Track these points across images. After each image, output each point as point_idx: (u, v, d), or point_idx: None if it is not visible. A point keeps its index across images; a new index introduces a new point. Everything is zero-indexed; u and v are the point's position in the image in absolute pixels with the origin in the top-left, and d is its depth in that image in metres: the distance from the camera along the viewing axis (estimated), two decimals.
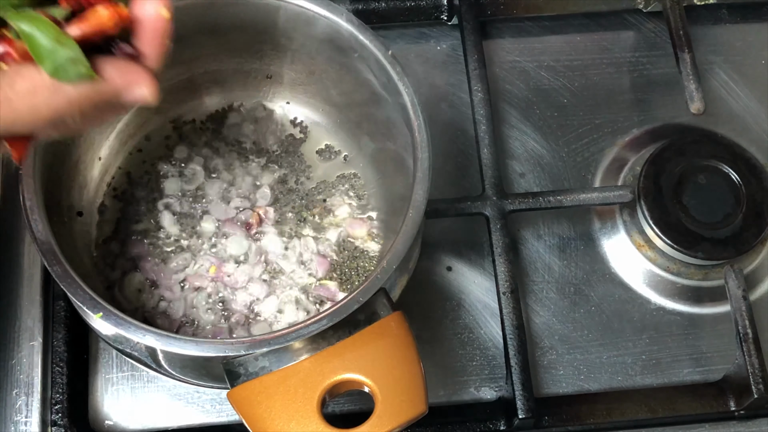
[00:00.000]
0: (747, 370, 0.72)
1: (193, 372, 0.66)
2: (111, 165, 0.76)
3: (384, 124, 0.73)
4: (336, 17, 0.68)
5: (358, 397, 0.73)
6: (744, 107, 0.87)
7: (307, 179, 0.78)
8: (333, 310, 0.58)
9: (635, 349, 0.78)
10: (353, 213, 0.77)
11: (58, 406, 0.71)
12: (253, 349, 0.58)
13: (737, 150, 0.80)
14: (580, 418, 0.73)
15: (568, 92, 0.87)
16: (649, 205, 0.78)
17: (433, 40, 0.88)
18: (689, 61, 0.81)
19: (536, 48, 0.89)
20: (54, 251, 0.60)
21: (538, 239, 0.81)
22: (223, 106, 0.80)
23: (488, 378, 0.76)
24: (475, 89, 0.81)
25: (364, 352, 0.58)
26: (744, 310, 0.73)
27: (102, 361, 0.75)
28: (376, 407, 0.57)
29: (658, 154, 0.80)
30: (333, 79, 0.76)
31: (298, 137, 0.79)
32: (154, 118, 0.78)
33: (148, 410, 0.74)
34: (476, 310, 0.78)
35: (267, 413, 0.57)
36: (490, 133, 0.80)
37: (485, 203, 0.77)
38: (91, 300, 0.59)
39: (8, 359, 0.72)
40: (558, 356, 0.77)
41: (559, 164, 0.84)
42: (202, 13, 0.70)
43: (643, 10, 0.90)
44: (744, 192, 0.79)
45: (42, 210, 0.61)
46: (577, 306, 0.79)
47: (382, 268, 0.60)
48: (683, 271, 0.80)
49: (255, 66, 0.78)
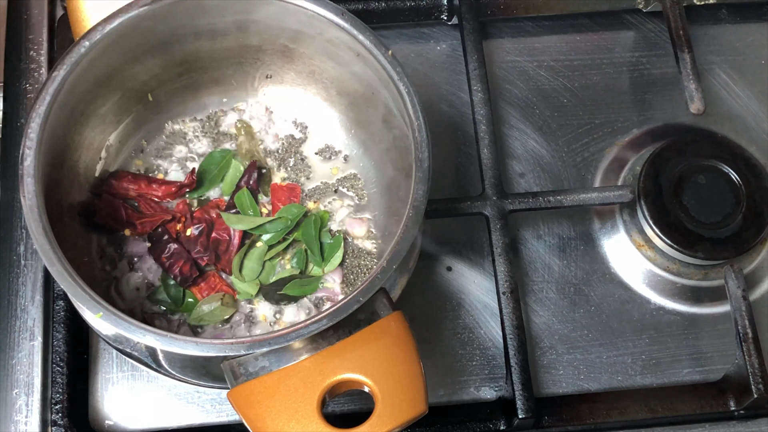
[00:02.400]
0: (747, 370, 0.72)
1: (193, 372, 0.66)
2: (111, 165, 0.76)
3: (384, 124, 0.73)
4: (336, 17, 0.68)
5: (358, 397, 0.73)
6: (744, 107, 0.87)
7: (307, 179, 0.78)
8: (333, 310, 0.58)
9: (635, 349, 0.78)
10: (353, 213, 0.77)
11: (58, 406, 0.71)
12: (253, 349, 0.58)
13: (737, 150, 0.80)
14: (580, 418, 0.73)
15: (568, 92, 0.87)
16: (649, 205, 0.78)
17: (433, 40, 0.88)
18: (689, 61, 0.81)
19: (536, 48, 0.89)
20: (54, 251, 0.60)
21: (538, 239, 0.81)
22: (223, 107, 0.80)
23: (488, 378, 0.76)
24: (475, 89, 0.81)
25: (364, 351, 0.58)
26: (744, 310, 0.73)
27: (102, 361, 0.75)
28: (376, 407, 0.57)
29: (658, 154, 0.80)
30: (333, 79, 0.76)
31: (298, 137, 0.79)
32: (154, 118, 0.78)
33: (148, 410, 0.74)
34: (476, 310, 0.78)
35: (267, 413, 0.57)
36: (490, 133, 0.80)
37: (485, 203, 0.77)
38: (91, 300, 0.59)
39: (8, 359, 0.72)
40: (558, 356, 0.77)
41: (559, 164, 0.84)
42: (201, 13, 0.70)
43: (643, 10, 0.90)
44: (744, 192, 0.79)
45: (42, 210, 0.61)
46: (577, 306, 0.79)
47: (382, 267, 0.60)
48: (683, 271, 0.80)
49: (255, 66, 0.78)
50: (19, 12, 0.84)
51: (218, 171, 0.77)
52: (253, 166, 0.76)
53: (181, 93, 0.78)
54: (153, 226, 0.73)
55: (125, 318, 0.58)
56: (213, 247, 0.73)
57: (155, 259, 0.73)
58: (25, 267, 0.75)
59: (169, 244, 0.73)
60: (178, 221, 0.74)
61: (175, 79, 0.76)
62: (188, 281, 0.72)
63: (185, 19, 0.70)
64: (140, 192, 0.75)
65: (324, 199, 0.77)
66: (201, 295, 0.72)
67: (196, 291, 0.73)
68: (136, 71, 0.73)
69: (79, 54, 0.65)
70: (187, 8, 0.69)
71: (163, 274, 0.73)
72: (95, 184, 0.75)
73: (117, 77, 0.72)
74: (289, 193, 0.76)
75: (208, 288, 0.73)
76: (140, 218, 0.74)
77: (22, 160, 0.62)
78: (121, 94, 0.74)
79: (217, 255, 0.73)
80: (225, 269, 0.73)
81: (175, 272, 0.72)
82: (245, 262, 0.73)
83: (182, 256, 0.72)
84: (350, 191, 0.78)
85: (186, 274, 0.72)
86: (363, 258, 0.75)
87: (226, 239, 0.73)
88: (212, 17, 0.71)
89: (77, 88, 0.67)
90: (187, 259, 0.72)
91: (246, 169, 0.76)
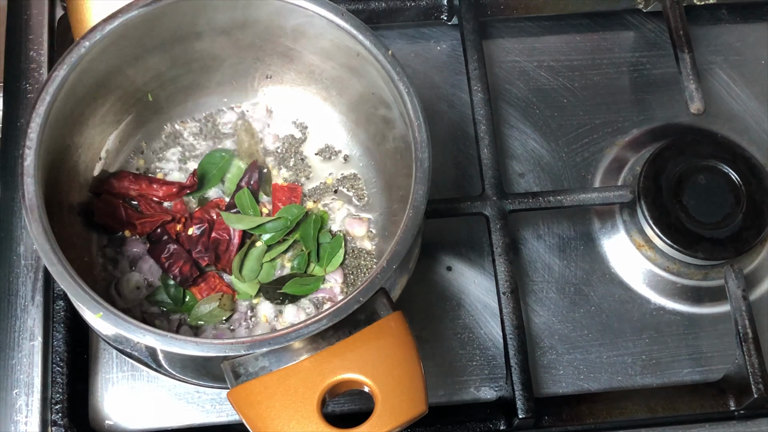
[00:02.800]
0: (747, 370, 0.72)
1: (193, 372, 0.66)
2: (111, 165, 0.76)
3: (384, 124, 0.73)
4: (336, 17, 0.68)
5: (358, 397, 0.73)
6: (744, 107, 0.87)
7: (307, 179, 0.78)
8: (333, 310, 0.58)
9: (635, 349, 0.78)
10: (353, 213, 0.77)
11: (58, 406, 0.71)
12: (253, 349, 0.58)
13: (737, 150, 0.80)
14: (580, 418, 0.73)
15: (568, 92, 0.87)
16: (649, 205, 0.78)
17: (433, 40, 0.88)
18: (689, 61, 0.81)
19: (536, 48, 0.89)
20: (54, 251, 0.60)
21: (538, 239, 0.81)
22: (223, 107, 0.80)
23: (488, 378, 0.76)
24: (475, 89, 0.81)
25: (364, 351, 0.58)
26: (744, 310, 0.73)
27: (102, 361, 0.75)
28: (376, 407, 0.57)
29: (658, 154, 0.80)
30: (333, 79, 0.76)
31: (298, 137, 0.79)
32: (153, 118, 0.78)
33: (148, 410, 0.74)
34: (476, 310, 0.78)
35: (267, 413, 0.57)
36: (490, 133, 0.80)
37: (485, 203, 0.77)
38: (91, 300, 0.59)
39: (8, 359, 0.72)
40: (558, 356, 0.77)
41: (559, 164, 0.84)
42: (201, 13, 0.70)
43: (643, 10, 0.90)
44: (744, 192, 0.79)
45: (42, 210, 0.61)
46: (577, 306, 0.79)
47: (382, 268, 0.60)
48: (683, 271, 0.80)
49: (255, 66, 0.78)
50: (19, 12, 0.84)
51: (218, 171, 0.77)
52: (254, 165, 0.76)
53: (181, 93, 0.78)
54: (153, 226, 0.73)
55: (125, 318, 0.58)
56: (213, 247, 0.73)
57: (155, 260, 0.73)
58: (25, 267, 0.75)
59: (168, 244, 0.73)
60: (178, 221, 0.74)
61: (175, 79, 0.76)
62: (188, 281, 0.72)
63: (185, 19, 0.70)
64: (141, 192, 0.75)
65: (324, 199, 0.77)
66: (201, 296, 0.72)
67: (196, 291, 0.73)
68: (137, 71, 0.73)
69: (79, 54, 0.65)
70: (187, 8, 0.69)
71: (163, 274, 0.73)
72: (95, 184, 0.75)
73: (117, 77, 0.72)
74: (290, 194, 0.76)
75: (208, 288, 0.73)
76: (140, 218, 0.74)
77: (22, 160, 0.62)
78: (121, 94, 0.74)
79: (217, 255, 0.73)
80: (225, 269, 0.73)
81: (175, 272, 0.72)
82: (245, 262, 0.73)
83: (182, 256, 0.72)
84: (350, 191, 0.78)
85: (186, 274, 0.72)
86: (363, 258, 0.75)
87: (226, 239, 0.73)
88: (212, 17, 0.71)
89: (77, 88, 0.67)
90: (187, 260, 0.72)
91: (247, 169, 0.76)
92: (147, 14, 0.67)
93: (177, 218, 0.74)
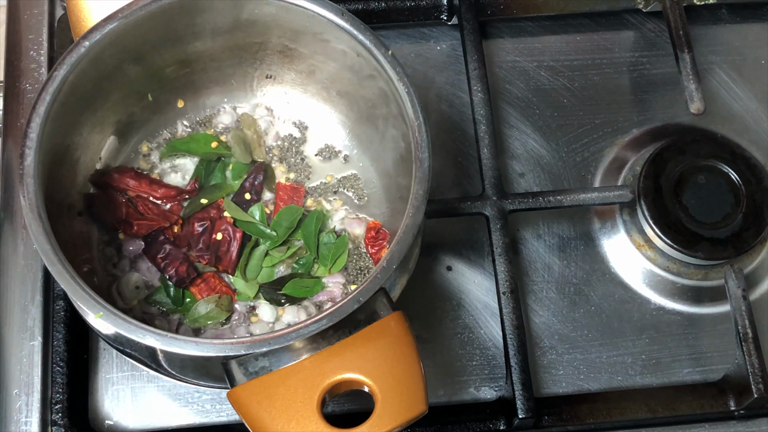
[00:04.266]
0: (747, 370, 0.72)
1: (193, 372, 0.66)
2: (111, 165, 0.76)
3: (384, 124, 0.73)
4: (336, 17, 0.68)
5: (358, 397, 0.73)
6: (744, 107, 0.87)
7: (307, 179, 0.78)
8: (333, 310, 0.58)
9: (635, 349, 0.78)
10: (353, 213, 0.77)
11: (58, 406, 0.71)
12: (253, 349, 0.58)
13: (737, 150, 0.80)
14: (580, 418, 0.73)
15: (568, 92, 0.87)
16: (649, 205, 0.78)
17: (433, 40, 0.88)
18: (689, 61, 0.81)
19: (536, 48, 0.89)
20: (54, 251, 0.60)
21: (538, 239, 0.81)
22: (222, 106, 0.80)
23: (488, 378, 0.76)
24: (475, 89, 0.81)
25: (364, 351, 0.58)
26: (744, 310, 0.73)
27: (102, 361, 0.75)
28: (376, 407, 0.57)
29: (658, 154, 0.80)
30: (333, 79, 0.76)
31: (298, 137, 0.79)
32: (153, 118, 0.78)
33: (148, 410, 0.74)
34: (476, 310, 0.78)
35: (267, 413, 0.57)
36: (490, 133, 0.80)
37: (485, 203, 0.77)
38: (91, 300, 0.59)
39: (8, 359, 0.72)
40: (558, 356, 0.77)
41: (559, 164, 0.84)
42: (201, 13, 0.70)
43: (643, 10, 0.90)
44: (744, 192, 0.79)
45: (42, 210, 0.61)
46: (577, 306, 0.79)
47: (382, 268, 0.61)
48: (683, 270, 0.80)
49: (255, 66, 0.78)
50: (19, 12, 0.84)
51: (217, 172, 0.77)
52: (260, 168, 0.76)
53: (181, 93, 0.78)
54: (149, 229, 0.73)
55: (125, 318, 0.58)
56: (213, 248, 0.73)
57: (150, 260, 0.73)
58: (25, 267, 0.75)
59: (164, 245, 0.73)
60: (175, 224, 0.74)
61: (175, 79, 0.76)
62: (185, 282, 0.72)
63: (185, 18, 0.70)
64: (140, 190, 0.75)
65: (324, 199, 0.77)
66: (200, 296, 0.72)
67: (196, 292, 0.73)
68: (136, 71, 0.73)
69: (79, 54, 0.65)
70: (187, 8, 0.69)
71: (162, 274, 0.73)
72: (97, 176, 0.74)
73: (117, 77, 0.72)
74: (292, 194, 0.76)
75: (208, 289, 0.73)
76: (138, 219, 0.74)
77: (22, 160, 0.62)
78: (121, 94, 0.74)
79: (218, 256, 0.73)
80: (226, 270, 0.73)
81: (171, 273, 0.72)
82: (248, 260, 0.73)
83: (178, 257, 0.72)
84: (350, 191, 0.78)
85: (182, 275, 0.72)
86: (363, 258, 0.75)
87: (226, 239, 0.73)
88: (212, 17, 0.71)
89: (77, 88, 0.67)
90: (183, 260, 0.72)
91: (252, 170, 0.76)
92: (147, 14, 0.67)
93: (174, 222, 0.74)
